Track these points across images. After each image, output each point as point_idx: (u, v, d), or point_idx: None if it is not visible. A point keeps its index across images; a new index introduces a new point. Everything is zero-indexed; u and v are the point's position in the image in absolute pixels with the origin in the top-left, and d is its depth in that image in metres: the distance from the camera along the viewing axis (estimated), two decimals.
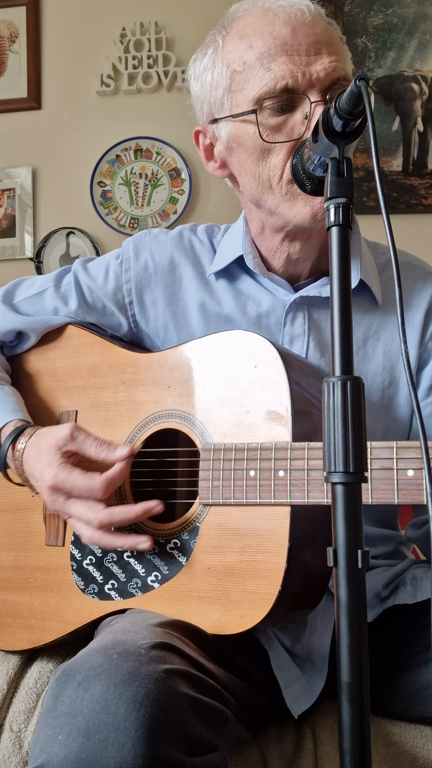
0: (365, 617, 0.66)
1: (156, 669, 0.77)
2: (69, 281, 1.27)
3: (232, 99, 1.08)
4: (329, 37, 1.04)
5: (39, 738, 0.76)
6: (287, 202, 1.06)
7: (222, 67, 1.08)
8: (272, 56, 1.02)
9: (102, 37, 2.78)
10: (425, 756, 0.98)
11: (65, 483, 1.02)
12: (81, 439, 1.05)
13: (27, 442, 1.10)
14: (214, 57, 1.10)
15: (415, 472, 0.87)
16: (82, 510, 1.02)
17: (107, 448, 1.05)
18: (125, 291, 1.24)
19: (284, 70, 1.01)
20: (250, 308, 1.18)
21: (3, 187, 2.81)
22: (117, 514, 1.01)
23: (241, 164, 1.11)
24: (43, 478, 1.04)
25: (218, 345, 1.06)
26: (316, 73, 1.01)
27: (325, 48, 1.02)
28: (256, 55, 1.03)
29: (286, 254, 1.15)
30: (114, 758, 0.70)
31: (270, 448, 0.96)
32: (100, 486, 1.01)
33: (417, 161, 2.66)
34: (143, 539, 1.01)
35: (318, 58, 1.02)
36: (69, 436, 1.05)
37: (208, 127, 1.14)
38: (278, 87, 1.01)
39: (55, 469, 1.03)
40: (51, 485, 1.03)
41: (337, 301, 0.70)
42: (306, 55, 1.01)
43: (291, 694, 1.01)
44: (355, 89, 0.69)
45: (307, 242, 1.13)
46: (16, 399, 1.18)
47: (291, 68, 1.01)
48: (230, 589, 0.97)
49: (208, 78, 1.11)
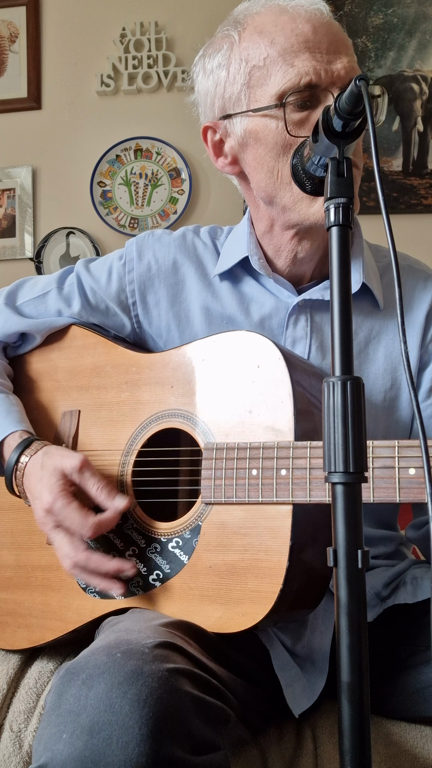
0: (365, 617, 0.66)
1: (160, 668, 0.77)
2: (72, 282, 1.27)
3: (250, 94, 1.08)
4: (344, 38, 1.07)
5: (43, 736, 0.76)
6: (306, 200, 1.07)
7: (239, 62, 1.08)
8: (295, 52, 1.03)
9: (102, 37, 2.78)
10: (425, 756, 0.98)
11: (60, 512, 1.03)
12: (87, 475, 1.05)
13: (32, 457, 1.10)
14: (230, 53, 1.10)
15: (417, 470, 0.87)
16: (64, 543, 1.03)
17: (108, 494, 1.04)
18: (128, 292, 1.24)
19: (308, 66, 1.02)
20: (253, 311, 1.18)
21: (3, 187, 2.81)
22: (93, 561, 1.02)
23: (257, 160, 1.10)
24: (41, 499, 1.05)
25: (221, 345, 1.07)
26: (337, 71, 1.02)
27: (342, 48, 1.05)
28: (278, 51, 1.04)
29: (293, 253, 1.15)
30: (118, 756, 0.70)
31: (272, 447, 0.96)
32: (90, 526, 1.02)
33: (417, 161, 2.66)
34: (117, 586, 1.02)
35: (338, 57, 1.03)
36: (78, 468, 1.05)
37: (220, 123, 1.14)
38: (302, 83, 1.02)
39: (55, 495, 1.03)
40: (46, 509, 1.04)
41: (337, 300, 0.70)
42: (327, 53, 1.03)
43: (291, 693, 1.02)
44: (355, 89, 0.69)
45: (314, 242, 1.13)
46: (19, 409, 1.19)
47: (314, 65, 1.02)
48: (232, 587, 0.97)
49: (222, 74, 1.11)
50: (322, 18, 1.06)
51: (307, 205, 1.07)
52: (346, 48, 1.06)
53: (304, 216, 1.08)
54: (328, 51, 1.03)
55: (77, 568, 1.03)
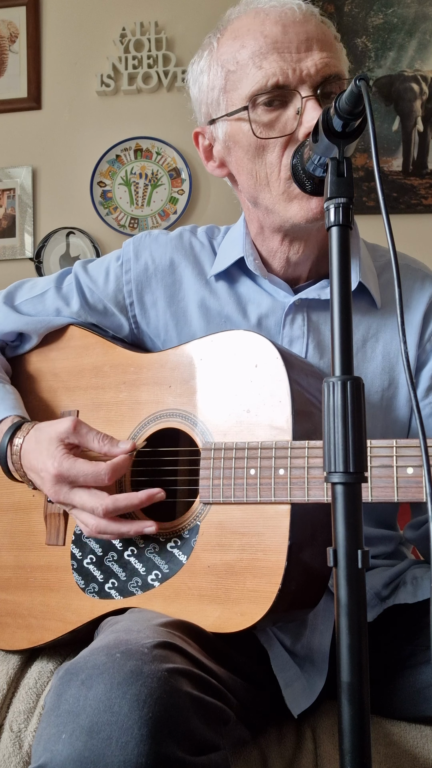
0: (365, 617, 0.66)
1: (159, 668, 0.77)
2: (70, 282, 1.27)
3: (227, 98, 1.10)
4: (322, 35, 1.05)
5: (42, 736, 0.76)
6: (284, 201, 1.07)
7: (217, 68, 1.10)
8: (263, 54, 1.03)
9: (102, 37, 2.78)
10: (425, 756, 0.98)
11: (70, 470, 1.02)
12: (84, 431, 1.06)
13: (25, 437, 1.10)
14: (210, 59, 1.12)
15: (415, 469, 0.87)
16: (86, 498, 1.02)
17: (110, 441, 1.05)
18: (126, 292, 1.25)
19: (275, 67, 1.02)
20: (250, 311, 1.18)
21: (3, 187, 2.81)
22: (122, 500, 1.01)
23: (238, 162, 1.12)
24: (46, 468, 1.04)
25: (219, 345, 1.07)
26: (307, 69, 1.02)
27: (316, 44, 1.03)
28: (249, 54, 1.05)
29: (285, 256, 1.15)
30: (117, 757, 0.70)
31: (270, 447, 0.96)
32: (106, 470, 1.01)
33: (417, 161, 2.66)
34: (149, 523, 1.01)
35: (309, 55, 1.03)
36: (72, 429, 1.05)
37: (207, 128, 1.16)
38: (269, 84, 1.03)
39: (59, 458, 1.03)
40: (55, 473, 1.03)
41: (337, 300, 0.70)
42: (297, 52, 1.03)
43: (291, 693, 1.02)
44: (355, 89, 0.69)
45: (306, 244, 1.13)
46: (15, 397, 1.19)
47: (282, 65, 1.02)
48: (230, 587, 0.97)
49: (204, 80, 1.13)
50: (295, 17, 1.05)
51: (284, 207, 1.07)
52: (322, 43, 1.04)
53: (284, 218, 1.08)
54: (298, 50, 1.03)
55: (107, 517, 1.01)
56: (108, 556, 1.09)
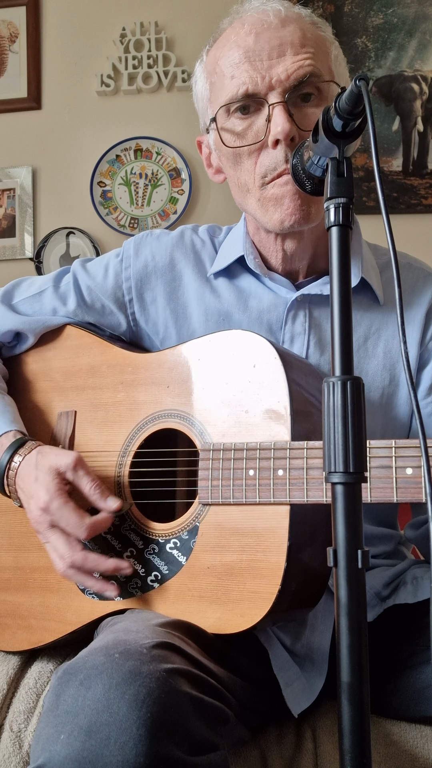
0: (365, 617, 0.66)
1: (157, 668, 0.77)
2: (68, 281, 1.27)
3: (211, 108, 1.13)
4: (299, 38, 1.05)
5: (40, 737, 0.76)
6: (260, 208, 1.10)
7: (204, 78, 1.15)
8: (236, 65, 1.06)
9: (102, 37, 2.78)
10: (425, 756, 0.98)
11: (56, 512, 1.02)
12: (81, 474, 1.05)
13: (26, 456, 1.09)
14: (200, 70, 1.17)
15: (414, 470, 0.87)
16: (61, 543, 1.03)
17: (101, 494, 1.04)
18: (125, 289, 1.25)
19: (245, 76, 1.05)
20: (251, 304, 1.19)
21: (3, 187, 2.81)
22: (91, 560, 1.01)
23: (225, 170, 1.16)
24: (37, 497, 1.04)
25: (217, 345, 1.07)
26: (277, 75, 1.03)
27: (290, 49, 1.04)
28: (225, 65, 1.08)
29: (281, 252, 1.16)
30: (116, 757, 0.70)
31: (269, 448, 0.96)
32: (86, 527, 1.01)
33: (417, 161, 2.66)
34: (111, 587, 1.02)
35: (280, 61, 1.04)
36: (72, 465, 1.05)
37: (204, 137, 1.20)
38: (240, 93, 1.05)
39: (52, 494, 1.03)
40: (43, 507, 1.03)
41: (337, 301, 0.70)
42: (268, 59, 1.04)
43: (291, 693, 1.01)
44: (355, 89, 0.69)
45: (300, 241, 1.14)
46: (13, 410, 1.18)
47: (251, 74, 1.04)
48: (230, 588, 0.97)
49: (198, 89, 1.18)
50: (269, 23, 1.06)
51: (262, 214, 1.10)
52: (297, 47, 1.04)
53: (264, 224, 1.11)
54: (269, 56, 1.04)
55: (73, 568, 1.02)
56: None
